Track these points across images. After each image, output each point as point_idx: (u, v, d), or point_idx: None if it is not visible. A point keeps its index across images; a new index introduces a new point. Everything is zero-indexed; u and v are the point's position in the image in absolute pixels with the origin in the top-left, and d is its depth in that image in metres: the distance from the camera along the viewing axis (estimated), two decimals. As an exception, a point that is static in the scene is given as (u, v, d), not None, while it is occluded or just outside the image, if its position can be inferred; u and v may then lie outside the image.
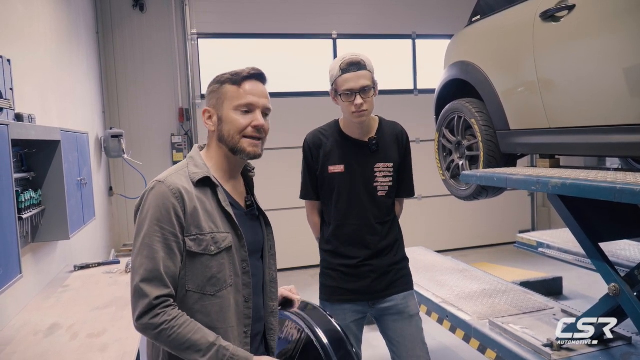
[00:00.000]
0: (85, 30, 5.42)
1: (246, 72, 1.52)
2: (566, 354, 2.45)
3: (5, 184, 1.97)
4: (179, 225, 1.39)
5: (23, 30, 3.15)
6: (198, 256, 1.41)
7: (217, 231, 1.44)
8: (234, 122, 1.50)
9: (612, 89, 2.35)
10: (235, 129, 1.49)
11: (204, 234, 1.42)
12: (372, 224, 2.36)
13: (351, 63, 2.23)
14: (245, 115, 1.50)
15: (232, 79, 1.51)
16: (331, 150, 2.38)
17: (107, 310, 2.70)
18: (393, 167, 2.38)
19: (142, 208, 1.42)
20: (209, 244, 1.42)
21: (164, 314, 1.32)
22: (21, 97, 2.87)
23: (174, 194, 1.39)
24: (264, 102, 1.53)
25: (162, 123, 6.62)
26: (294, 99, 6.94)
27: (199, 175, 1.47)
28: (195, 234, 1.41)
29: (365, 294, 2.39)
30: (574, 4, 2.48)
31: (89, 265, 3.67)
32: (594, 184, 2.07)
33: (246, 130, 1.50)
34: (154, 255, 1.35)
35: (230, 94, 1.51)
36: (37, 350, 2.16)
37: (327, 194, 2.41)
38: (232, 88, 1.51)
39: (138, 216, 1.42)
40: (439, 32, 7.19)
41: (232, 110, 1.50)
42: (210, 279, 1.42)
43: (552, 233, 4.48)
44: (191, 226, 1.41)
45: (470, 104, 3.38)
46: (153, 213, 1.37)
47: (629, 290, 2.26)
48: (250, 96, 1.50)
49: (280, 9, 6.84)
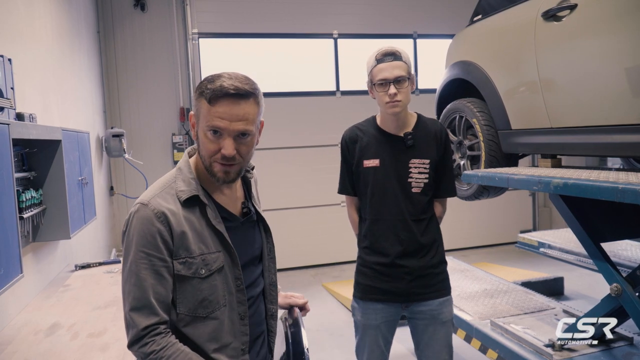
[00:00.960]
0: (86, 29, 5.42)
1: (223, 92, 1.30)
2: (567, 354, 2.45)
3: (6, 183, 1.97)
4: (167, 249, 1.31)
5: (24, 30, 3.15)
6: (188, 279, 1.34)
7: (207, 252, 1.36)
8: (204, 144, 1.35)
9: (613, 89, 2.35)
10: (206, 151, 1.35)
11: (193, 256, 1.34)
12: (406, 219, 2.29)
13: (386, 53, 2.23)
14: (215, 139, 1.33)
15: (206, 95, 1.31)
16: (367, 144, 2.35)
17: (108, 309, 2.70)
18: (430, 164, 2.31)
19: (127, 231, 1.34)
20: (198, 266, 1.34)
21: (153, 344, 1.27)
22: (22, 97, 2.87)
23: (159, 217, 1.31)
24: (237, 127, 1.31)
25: (163, 122, 6.62)
26: (295, 99, 6.94)
27: (186, 194, 1.36)
28: (184, 257, 1.33)
29: (400, 296, 2.32)
30: (576, 4, 2.47)
31: (89, 264, 3.67)
32: (596, 184, 2.06)
33: (215, 156, 1.34)
34: (142, 283, 1.29)
35: (204, 112, 1.33)
36: (38, 350, 2.16)
37: (362, 188, 2.37)
38: (205, 105, 1.32)
39: (125, 239, 1.35)
40: (440, 31, 7.18)
41: (205, 129, 1.33)
42: (202, 302, 1.35)
43: (554, 233, 4.48)
44: (180, 249, 1.33)
45: (472, 103, 3.38)
46: (138, 239, 1.30)
47: (631, 291, 2.25)
48: (219, 120, 1.30)
49: (281, 8, 6.84)
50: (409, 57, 2.28)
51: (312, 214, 7.05)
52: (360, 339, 2.42)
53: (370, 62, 2.28)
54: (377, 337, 2.37)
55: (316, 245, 7.03)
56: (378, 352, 2.38)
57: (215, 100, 1.30)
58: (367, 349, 2.39)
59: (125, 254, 1.33)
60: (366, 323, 2.37)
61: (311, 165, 7.00)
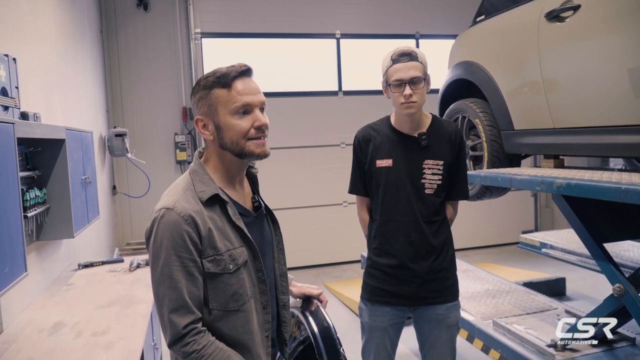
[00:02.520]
0: (90, 29, 5.43)
1: (234, 72, 1.41)
2: (570, 354, 2.45)
3: (11, 182, 1.98)
4: (196, 250, 1.35)
5: (28, 29, 3.16)
6: (218, 276, 1.38)
7: (232, 248, 1.41)
8: (234, 127, 1.40)
9: (616, 90, 2.35)
10: (238, 134, 1.40)
11: (220, 253, 1.38)
12: (418, 220, 2.25)
13: (402, 53, 2.21)
14: (244, 118, 1.40)
15: (220, 82, 1.40)
16: (380, 144, 2.32)
17: (112, 308, 2.71)
18: (443, 166, 2.27)
19: (154, 237, 1.36)
20: (227, 262, 1.39)
21: (194, 343, 1.32)
22: (26, 96, 2.88)
23: (186, 220, 1.34)
24: (260, 98, 1.44)
25: (166, 122, 6.63)
26: (297, 99, 6.94)
27: (207, 193, 1.40)
28: (212, 254, 1.37)
29: (408, 299, 2.30)
30: (579, 4, 2.47)
31: (93, 263, 3.68)
32: (599, 185, 2.07)
33: (249, 133, 1.41)
34: (176, 285, 1.33)
35: (223, 99, 1.40)
36: (42, 348, 2.17)
37: (374, 188, 2.33)
38: (223, 92, 1.40)
39: (151, 245, 1.37)
40: (442, 32, 7.18)
41: (228, 115, 1.40)
42: (232, 295, 1.40)
43: (556, 233, 4.47)
44: (207, 248, 1.37)
45: (474, 104, 3.38)
46: (168, 243, 1.33)
47: (634, 291, 2.25)
48: (245, 96, 1.40)
49: (283, 8, 6.84)
50: (425, 58, 2.25)
51: (314, 213, 7.05)
52: (367, 340, 2.40)
53: (385, 61, 2.25)
54: (383, 339, 2.36)
55: (318, 245, 7.03)
56: (384, 354, 2.37)
57: (233, 81, 1.40)
58: (373, 351, 2.38)
59: (154, 259, 1.36)
60: (373, 325, 2.36)
61: (313, 165, 7.00)
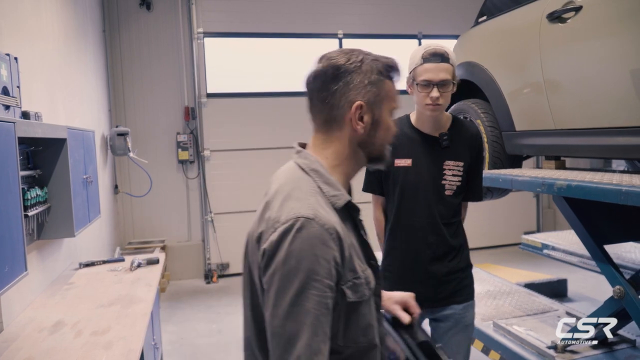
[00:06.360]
0: (92, 28, 5.44)
1: (397, 66, 1.22)
2: (570, 356, 2.45)
3: (12, 181, 1.99)
4: (337, 275, 1.05)
5: (31, 28, 3.17)
6: (357, 305, 1.10)
7: (364, 268, 1.14)
8: (391, 129, 1.22)
9: (618, 91, 2.34)
10: (390, 137, 1.23)
11: (358, 277, 1.11)
12: (437, 222, 2.18)
13: (435, 53, 2.10)
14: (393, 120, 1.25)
15: (394, 74, 1.22)
16: (399, 143, 2.18)
17: (112, 307, 2.71)
18: (463, 167, 2.21)
19: (285, 255, 1.03)
20: (363, 287, 1.12)
21: None
22: (29, 95, 2.89)
23: (331, 234, 1.04)
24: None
25: (168, 121, 6.64)
26: (299, 99, 6.89)
27: (341, 199, 1.14)
28: (351, 278, 1.09)
29: (425, 302, 2.17)
30: (581, 5, 2.47)
31: (94, 262, 3.69)
32: (600, 186, 2.06)
33: (391, 138, 1.25)
34: (315, 323, 1.01)
35: (392, 93, 1.21)
36: (42, 347, 2.18)
37: (391, 188, 2.25)
38: (391, 86, 1.21)
39: (279, 264, 1.03)
40: (445, 32, 7.17)
41: (388, 113, 1.21)
42: (365, 329, 1.13)
43: (558, 235, 4.46)
44: (347, 270, 1.08)
45: (476, 104, 3.38)
46: (309, 264, 1.01)
47: (634, 293, 2.25)
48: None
49: (286, 8, 6.85)
50: (456, 59, 2.18)
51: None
52: None
53: (415, 58, 2.14)
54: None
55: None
56: None
57: (395, 76, 1.22)
58: None
59: (282, 283, 1.03)
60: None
61: (315, 165, 6.99)
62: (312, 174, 1.16)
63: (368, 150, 1.20)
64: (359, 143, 1.19)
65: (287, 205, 1.08)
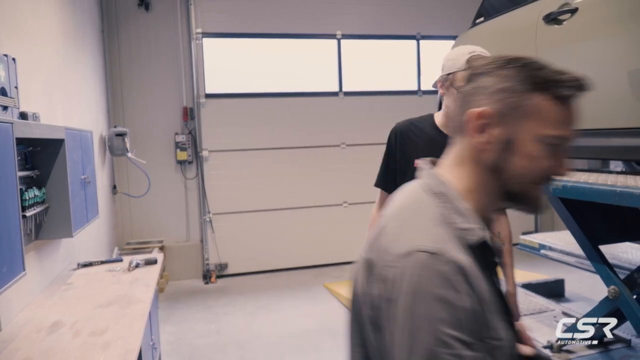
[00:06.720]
0: (91, 29, 5.45)
1: (579, 85, 0.97)
2: (566, 355, 2.46)
3: (10, 182, 1.99)
4: (468, 328, 0.82)
5: (29, 29, 3.18)
6: None
7: (505, 326, 0.91)
8: (535, 160, 0.92)
9: (615, 92, 2.35)
10: (532, 171, 0.93)
11: (500, 338, 0.87)
12: None
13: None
14: (550, 153, 0.92)
15: (553, 91, 0.92)
16: (422, 143, 2.17)
17: (110, 308, 2.72)
18: None
19: (405, 299, 0.83)
20: (505, 353, 0.89)
21: None
22: (27, 95, 2.90)
23: (461, 275, 0.83)
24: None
25: (166, 122, 6.65)
26: (298, 99, 6.95)
27: (475, 235, 0.91)
28: (487, 338, 0.85)
29: None
30: (577, 7, 2.48)
31: (92, 263, 3.70)
32: (594, 187, 2.08)
33: (544, 176, 0.95)
34: None
35: (545, 114, 0.91)
36: (40, 348, 2.18)
37: None
38: (549, 104, 0.92)
39: (399, 309, 0.83)
40: (443, 33, 7.18)
41: (535, 138, 0.91)
42: None
43: (555, 235, 4.47)
44: (481, 326, 0.85)
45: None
46: (434, 313, 0.81)
47: (628, 293, 2.26)
48: (572, 126, 0.95)
49: (285, 8, 6.85)
50: None
51: (313, 214, 7.06)
52: None
53: (458, 61, 2.05)
54: None
55: (318, 246, 7.03)
56: None
57: (570, 98, 0.95)
58: None
59: (402, 332, 0.82)
60: None
61: (313, 166, 7.00)
62: (441, 198, 0.94)
63: (502, 180, 0.95)
64: (489, 167, 0.95)
65: (405, 234, 0.90)
